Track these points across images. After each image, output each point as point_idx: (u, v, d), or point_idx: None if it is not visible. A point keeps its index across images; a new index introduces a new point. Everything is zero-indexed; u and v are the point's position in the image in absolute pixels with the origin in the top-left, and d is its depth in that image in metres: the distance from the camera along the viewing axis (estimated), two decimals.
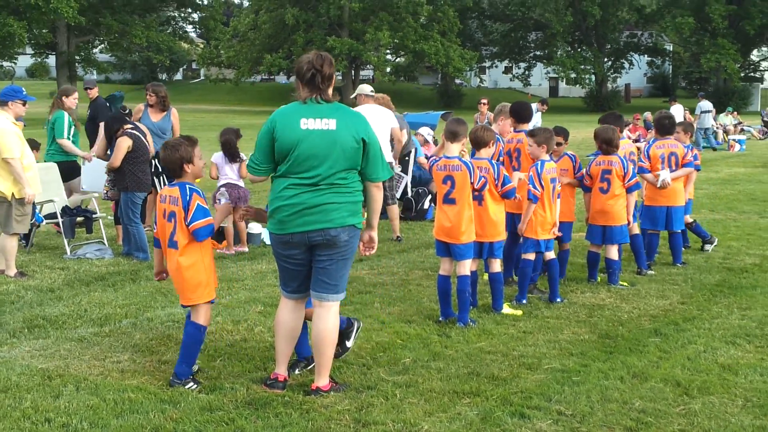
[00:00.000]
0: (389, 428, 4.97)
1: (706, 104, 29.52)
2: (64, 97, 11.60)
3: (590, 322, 7.32)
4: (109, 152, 10.35)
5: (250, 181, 7.50)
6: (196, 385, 5.62)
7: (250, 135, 14.61)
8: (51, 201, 10.51)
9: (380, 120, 10.95)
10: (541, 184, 7.84)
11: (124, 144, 9.89)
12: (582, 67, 72.12)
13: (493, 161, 7.66)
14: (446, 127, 7.33)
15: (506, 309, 7.65)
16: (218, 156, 10.63)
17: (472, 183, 7.17)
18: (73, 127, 11.64)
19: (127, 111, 11.45)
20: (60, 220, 10.54)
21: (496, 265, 7.71)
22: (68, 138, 11.50)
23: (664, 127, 9.91)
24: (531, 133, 8.16)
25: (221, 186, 10.48)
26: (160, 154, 6.01)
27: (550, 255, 8.15)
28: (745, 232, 11.87)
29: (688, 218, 10.32)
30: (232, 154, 10.50)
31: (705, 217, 13.14)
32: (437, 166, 7.30)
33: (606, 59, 76.12)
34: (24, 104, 9.05)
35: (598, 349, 6.52)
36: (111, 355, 6.30)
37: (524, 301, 7.96)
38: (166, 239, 5.74)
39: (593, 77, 73.99)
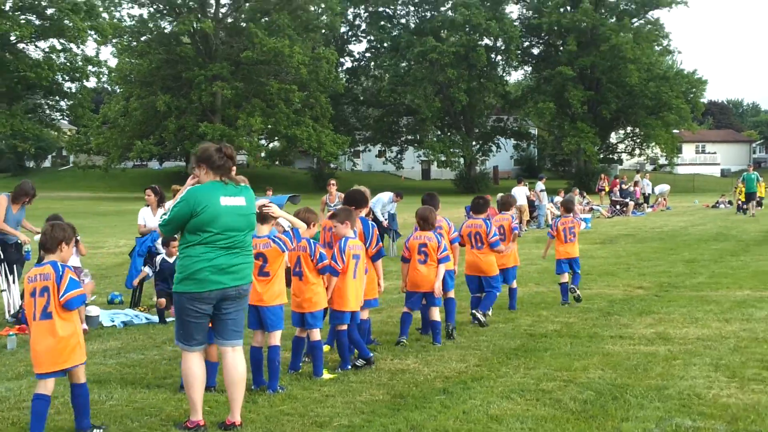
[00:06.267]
0: None
1: (540, 185, 31.32)
2: None
3: (389, 384, 8.03)
4: None
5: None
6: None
7: (114, 221, 14.94)
8: None
9: None
10: (342, 259, 8.63)
11: None
12: (451, 150, 74.63)
13: (311, 240, 8.41)
14: (264, 211, 7.93)
15: (326, 375, 8.34)
16: None
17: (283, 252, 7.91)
18: None
19: None
20: None
21: (316, 334, 8.40)
22: None
23: (478, 206, 11.18)
24: (333, 215, 9.03)
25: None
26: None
27: (343, 327, 8.70)
28: (557, 301, 12.87)
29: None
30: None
31: (529, 290, 14.19)
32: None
33: (474, 143, 79.00)
34: None
35: (388, 407, 7.22)
36: None
37: (349, 367, 8.64)
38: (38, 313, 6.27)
39: (462, 160, 76.55)
